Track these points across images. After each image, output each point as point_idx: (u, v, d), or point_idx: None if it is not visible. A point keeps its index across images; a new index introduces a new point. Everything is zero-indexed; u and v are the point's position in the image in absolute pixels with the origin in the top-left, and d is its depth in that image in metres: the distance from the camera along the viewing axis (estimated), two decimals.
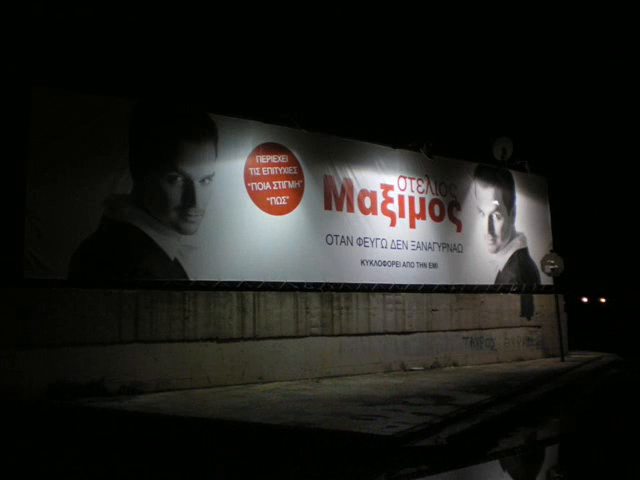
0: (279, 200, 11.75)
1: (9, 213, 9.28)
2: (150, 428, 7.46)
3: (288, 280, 11.58)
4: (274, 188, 11.72)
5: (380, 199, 13.37)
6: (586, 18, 19.45)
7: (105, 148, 9.96)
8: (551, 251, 16.02)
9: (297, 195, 12.04)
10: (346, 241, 12.59)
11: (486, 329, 14.53)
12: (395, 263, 13.32)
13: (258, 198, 11.49)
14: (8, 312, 8.78)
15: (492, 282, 15.22)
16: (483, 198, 15.48)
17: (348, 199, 12.80)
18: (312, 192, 12.24)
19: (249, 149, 11.51)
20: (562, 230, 17.43)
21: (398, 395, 9.08)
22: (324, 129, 12.67)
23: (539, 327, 15.70)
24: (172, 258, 10.34)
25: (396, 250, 13.39)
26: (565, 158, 20.69)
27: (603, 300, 30.61)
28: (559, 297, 15.56)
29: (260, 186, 11.55)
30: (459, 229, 14.78)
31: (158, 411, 7.91)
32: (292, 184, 11.99)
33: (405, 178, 13.90)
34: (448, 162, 14.84)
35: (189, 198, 10.64)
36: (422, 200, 14.14)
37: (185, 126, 10.87)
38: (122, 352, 9.49)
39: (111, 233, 9.83)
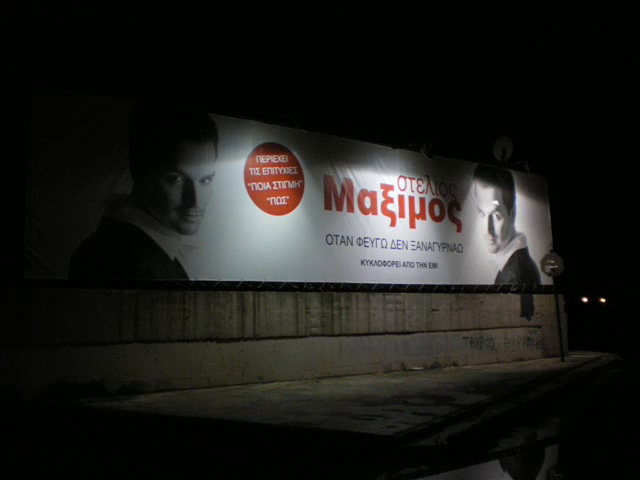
0: (279, 200, 11.76)
1: (9, 213, 9.27)
2: (150, 428, 7.45)
3: (288, 280, 11.58)
4: (274, 188, 11.72)
5: (380, 199, 13.37)
6: (586, 18, 19.45)
7: (105, 148, 9.96)
8: (551, 251, 16.03)
9: (297, 195, 12.04)
10: (346, 241, 12.59)
11: (486, 329, 14.53)
12: (395, 263, 13.32)
13: (258, 198, 11.50)
14: (8, 312, 8.78)
15: (492, 282, 15.23)
16: (483, 198, 15.49)
17: (348, 199, 12.81)
18: (312, 192, 12.25)
19: (249, 149, 11.51)
20: (562, 230, 17.43)
21: (398, 395, 9.08)
22: (324, 129, 12.67)
23: (539, 327, 15.71)
24: (172, 258, 10.34)
25: (396, 250, 13.39)
26: (565, 158, 20.69)
27: (603, 300, 30.59)
28: (559, 297, 15.56)
29: (260, 186, 11.55)
30: (459, 229, 14.79)
31: (158, 411, 7.91)
32: (292, 184, 11.99)
33: (405, 178, 13.90)
34: (448, 162, 14.85)
35: (189, 198, 10.65)
36: (422, 200, 14.15)
37: (185, 126, 10.87)
38: (122, 352, 9.50)
39: (111, 233, 9.84)
